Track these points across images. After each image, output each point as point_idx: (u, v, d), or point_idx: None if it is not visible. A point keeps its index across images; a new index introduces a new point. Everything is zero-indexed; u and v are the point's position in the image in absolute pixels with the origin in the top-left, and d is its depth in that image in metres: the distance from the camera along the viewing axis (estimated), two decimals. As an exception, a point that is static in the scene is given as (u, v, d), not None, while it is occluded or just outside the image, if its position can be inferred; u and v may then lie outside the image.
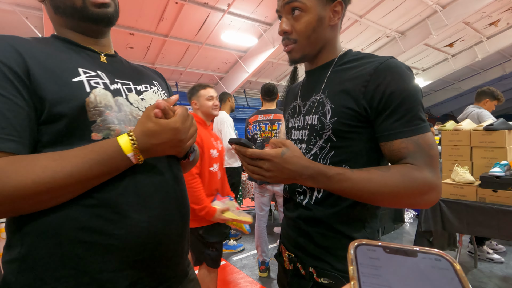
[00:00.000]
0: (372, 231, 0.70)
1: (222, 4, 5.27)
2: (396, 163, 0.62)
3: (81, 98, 0.55)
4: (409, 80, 0.62)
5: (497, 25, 7.46)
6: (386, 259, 0.25)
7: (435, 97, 12.92)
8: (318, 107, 0.72)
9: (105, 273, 0.54)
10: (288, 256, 0.78)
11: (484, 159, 2.23)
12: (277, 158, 0.60)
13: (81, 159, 0.51)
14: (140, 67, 0.79)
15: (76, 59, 0.60)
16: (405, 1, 5.88)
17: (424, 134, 0.61)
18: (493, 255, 2.69)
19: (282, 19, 0.71)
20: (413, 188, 0.58)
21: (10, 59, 0.51)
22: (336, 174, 0.60)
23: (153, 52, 6.58)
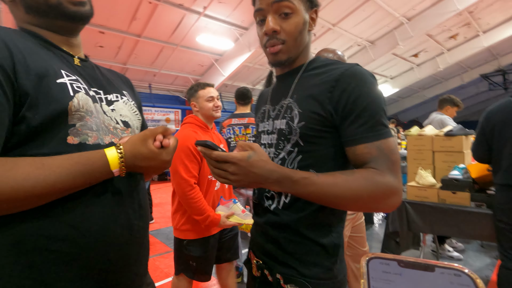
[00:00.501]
0: (338, 235, 0.71)
1: (198, 6, 5.22)
2: (360, 168, 0.64)
3: (65, 101, 0.54)
4: (372, 87, 0.64)
5: (456, 38, 8.08)
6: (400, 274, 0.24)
7: (402, 103, 13.68)
8: (286, 111, 0.72)
9: (63, 282, 0.53)
10: (256, 263, 0.77)
11: (445, 163, 2.38)
12: (242, 162, 0.59)
13: (66, 170, 0.50)
14: (109, 73, 0.78)
15: (55, 60, 0.59)
16: (374, 12, 6.20)
17: (386, 140, 0.62)
18: (453, 253, 2.88)
19: (269, 18, 0.68)
20: (375, 192, 0.59)
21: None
22: (302, 179, 0.60)
23: (125, 52, 6.35)
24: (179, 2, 5.05)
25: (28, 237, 0.51)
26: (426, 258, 2.80)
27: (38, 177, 0.47)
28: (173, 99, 8.97)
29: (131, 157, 0.57)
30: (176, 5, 5.08)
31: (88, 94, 0.60)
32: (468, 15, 6.88)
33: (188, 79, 8.20)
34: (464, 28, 7.57)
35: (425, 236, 2.45)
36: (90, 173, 0.53)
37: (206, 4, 5.13)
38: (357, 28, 6.70)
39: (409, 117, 15.08)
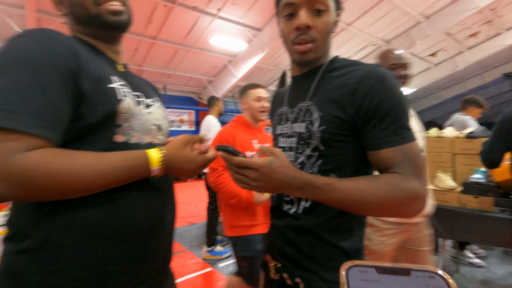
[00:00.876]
0: (359, 239, 0.69)
1: (211, 8, 5.27)
2: (384, 172, 0.62)
3: (114, 103, 0.62)
4: (395, 89, 0.62)
5: (477, 37, 7.79)
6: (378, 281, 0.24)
7: (419, 104, 13.32)
8: (305, 114, 0.71)
9: (112, 265, 0.60)
10: (274, 266, 0.76)
11: (465, 166, 2.30)
12: (264, 168, 0.58)
13: (116, 163, 0.57)
14: (142, 80, 0.86)
15: (105, 66, 0.67)
16: (390, 11, 6.06)
17: (410, 144, 0.61)
18: (474, 260, 2.76)
19: (302, 12, 0.65)
20: (400, 198, 0.58)
21: (65, 56, 0.57)
22: (325, 185, 0.59)
23: (141, 55, 6.49)
24: (193, 5, 5.12)
25: (80, 225, 0.57)
26: (445, 264, 2.71)
27: (95, 166, 0.55)
28: (187, 100, 9.08)
29: (171, 159, 0.64)
30: (190, 7, 5.15)
31: (132, 98, 0.68)
32: (489, 12, 6.62)
33: (201, 80, 8.29)
34: (485, 26, 7.29)
35: (444, 242, 2.37)
36: (134, 169, 0.60)
37: (220, 6, 5.17)
38: (372, 27, 6.58)
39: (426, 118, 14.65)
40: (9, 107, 0.49)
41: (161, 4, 4.94)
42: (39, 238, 0.56)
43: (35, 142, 0.50)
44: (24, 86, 0.51)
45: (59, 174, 0.51)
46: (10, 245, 0.57)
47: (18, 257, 0.56)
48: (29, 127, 0.50)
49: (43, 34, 0.57)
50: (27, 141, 0.49)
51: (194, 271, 2.66)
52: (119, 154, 0.59)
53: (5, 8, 4.38)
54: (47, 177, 0.50)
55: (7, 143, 0.48)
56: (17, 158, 0.48)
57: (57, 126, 0.54)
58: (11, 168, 0.48)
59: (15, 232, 0.58)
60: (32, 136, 0.50)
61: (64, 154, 0.53)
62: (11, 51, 0.54)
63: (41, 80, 0.53)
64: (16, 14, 4.55)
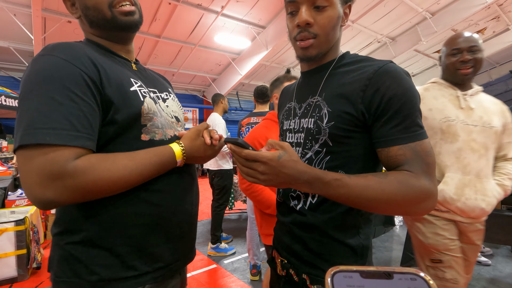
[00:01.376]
0: (366, 237, 0.69)
1: (215, 6, 5.26)
2: (393, 170, 0.61)
3: (138, 106, 0.67)
4: (408, 86, 0.61)
5: (484, 33, 7.69)
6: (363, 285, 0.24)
7: (424, 102, 13.18)
8: (314, 110, 0.70)
9: (155, 247, 0.69)
10: (281, 262, 0.76)
11: (472, 163, 2.27)
12: (273, 162, 0.57)
13: (148, 160, 0.65)
14: (155, 74, 0.90)
15: (123, 68, 0.72)
16: (396, 8, 6.00)
17: (422, 141, 0.60)
18: (480, 258, 2.74)
19: (303, 9, 0.65)
20: (410, 196, 0.57)
21: (89, 68, 0.62)
22: (333, 180, 0.58)
23: (145, 53, 6.51)
24: (197, 2, 5.12)
25: (124, 215, 0.66)
26: (451, 262, 2.69)
27: (132, 166, 0.62)
28: (191, 98, 9.11)
29: (189, 149, 0.73)
30: (194, 5, 5.15)
31: (151, 97, 0.73)
32: (497, 8, 6.53)
33: (205, 78, 8.30)
34: (492, 22, 7.19)
35: (450, 239, 2.35)
36: (163, 163, 0.68)
37: (224, 4, 5.16)
38: (377, 24, 6.52)
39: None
40: (52, 125, 0.55)
41: (165, 2, 4.95)
42: (92, 231, 0.64)
43: (79, 152, 0.57)
44: (59, 102, 0.56)
45: (106, 175, 0.58)
46: (64, 237, 0.66)
47: (73, 246, 0.65)
48: (72, 140, 0.56)
49: (64, 49, 0.61)
50: (73, 152, 0.56)
51: (199, 267, 2.68)
52: (148, 152, 0.66)
53: (11, 7, 4.42)
54: (97, 179, 0.58)
55: (59, 156, 0.55)
56: (71, 165, 0.55)
57: (92, 134, 0.60)
58: (68, 175, 0.55)
59: (68, 227, 0.66)
60: (76, 147, 0.57)
61: (106, 158, 0.60)
62: (39, 71, 0.58)
63: (72, 95, 0.58)
64: (22, 13, 4.59)
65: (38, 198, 0.54)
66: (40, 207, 0.56)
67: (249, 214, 2.57)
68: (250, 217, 2.57)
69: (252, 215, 2.56)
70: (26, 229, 2.40)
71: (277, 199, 0.82)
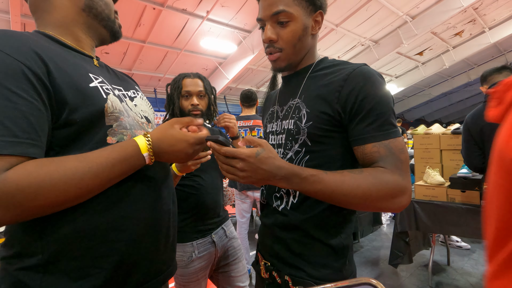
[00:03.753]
0: (347, 236, 0.70)
1: (201, 11, 5.26)
2: (368, 167, 0.64)
3: (100, 104, 0.58)
4: (381, 87, 0.64)
5: (461, 36, 7.99)
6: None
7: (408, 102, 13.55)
8: (294, 111, 0.72)
9: (125, 265, 0.59)
10: (264, 265, 0.77)
11: (453, 161, 2.35)
12: (251, 158, 0.58)
13: (104, 159, 0.53)
14: (117, 72, 0.81)
15: (81, 64, 0.62)
16: (377, 12, 6.17)
17: (395, 139, 0.63)
18: (461, 243, 2.95)
19: (267, 26, 0.70)
20: (384, 191, 0.59)
21: (31, 61, 0.51)
22: (310, 176, 0.60)
23: (130, 58, 6.42)
24: (182, 7, 5.11)
25: (88, 233, 0.55)
26: (437, 258, 2.76)
27: (84, 169, 0.51)
28: (178, 103, 9.03)
29: (157, 141, 0.60)
30: (179, 10, 5.13)
31: (115, 94, 0.64)
32: (473, 11, 6.80)
33: (192, 83, 8.24)
34: (469, 25, 7.48)
35: (434, 236, 2.42)
36: (125, 159, 0.56)
37: (209, 8, 5.17)
38: (360, 28, 6.68)
39: (415, 116, 14.93)
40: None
41: (150, 7, 4.91)
42: (48, 253, 0.53)
43: (18, 161, 0.47)
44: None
45: (48, 183, 0.47)
46: (14, 262, 0.55)
47: (26, 273, 0.53)
48: (7, 147, 0.45)
49: (3, 38, 0.51)
50: (6, 162, 0.45)
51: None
52: (105, 149, 0.55)
53: (-12, 13, 4.29)
54: (37, 190, 0.46)
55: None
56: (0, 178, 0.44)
57: (36, 139, 0.49)
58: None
59: (20, 250, 0.55)
60: (12, 156, 0.46)
61: (49, 162, 0.49)
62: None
63: (6, 91, 0.47)
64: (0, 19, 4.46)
65: None
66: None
67: (238, 218, 2.57)
68: (239, 221, 2.56)
69: (241, 219, 2.56)
70: None
71: (261, 201, 0.83)
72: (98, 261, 0.56)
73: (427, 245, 2.68)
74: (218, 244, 1.29)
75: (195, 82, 1.32)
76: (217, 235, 1.30)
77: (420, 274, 2.54)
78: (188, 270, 1.21)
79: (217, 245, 1.29)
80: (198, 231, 1.24)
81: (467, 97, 13.13)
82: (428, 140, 2.45)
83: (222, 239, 1.32)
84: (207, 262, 1.26)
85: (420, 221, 2.20)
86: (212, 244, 1.27)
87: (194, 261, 1.21)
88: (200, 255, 1.23)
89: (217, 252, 1.29)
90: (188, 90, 1.29)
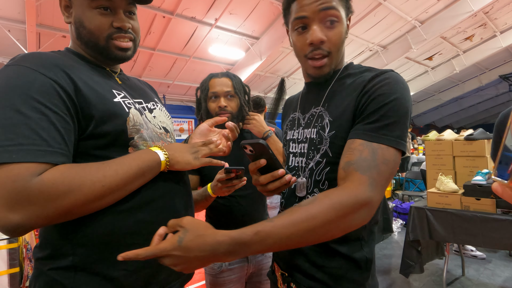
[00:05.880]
0: (370, 250, 0.68)
1: (209, 19, 5.34)
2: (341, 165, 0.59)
3: (123, 117, 0.63)
4: (399, 92, 0.59)
5: (472, 40, 7.87)
6: None
7: (417, 108, 13.37)
8: (317, 120, 0.69)
9: (148, 269, 0.63)
10: (281, 275, 0.75)
11: (466, 168, 2.30)
12: (175, 250, 0.48)
13: (128, 166, 0.58)
14: (139, 83, 0.85)
15: (105, 80, 0.67)
16: (386, 17, 6.14)
17: (387, 148, 0.56)
18: (476, 252, 2.85)
19: (315, 27, 0.62)
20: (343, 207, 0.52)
21: (61, 78, 0.56)
22: (254, 235, 0.49)
23: (140, 65, 6.54)
24: (191, 15, 5.19)
25: (114, 237, 0.60)
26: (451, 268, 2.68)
27: (112, 174, 0.56)
28: (186, 109, 9.12)
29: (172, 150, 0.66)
30: (188, 18, 5.22)
31: (136, 108, 0.68)
32: (483, 15, 6.71)
33: (200, 89, 8.32)
34: (480, 29, 7.38)
35: (448, 245, 2.35)
36: (145, 167, 0.61)
37: (218, 16, 5.24)
38: (368, 33, 6.65)
39: (425, 121, 14.70)
40: (19, 140, 0.49)
41: (160, 16, 5.01)
42: (78, 255, 0.58)
43: (48, 168, 0.51)
44: (26, 116, 0.51)
45: (77, 182, 0.52)
46: (48, 262, 0.59)
47: (59, 272, 0.58)
48: (43, 156, 0.51)
49: (33, 58, 0.56)
50: (41, 167, 0.50)
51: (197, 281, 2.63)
52: (126, 157, 0.60)
53: (5, 23, 4.44)
54: (69, 187, 0.51)
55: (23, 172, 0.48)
56: (36, 180, 0.49)
57: (66, 150, 0.54)
58: (33, 191, 0.48)
59: (54, 251, 0.59)
60: (46, 164, 0.51)
61: (76, 165, 0.55)
62: (3, 82, 0.53)
63: (41, 106, 0.52)
64: (16, 28, 4.61)
65: (2, 224, 0.47)
66: (8, 234, 0.49)
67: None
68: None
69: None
70: (19, 247, 2.34)
71: (280, 209, 0.81)
72: (122, 264, 0.58)
73: (440, 254, 2.60)
74: (251, 260, 1.21)
75: (222, 81, 1.17)
76: None
77: (433, 284, 2.46)
78: (217, 280, 1.16)
79: (250, 261, 1.20)
80: None
81: (478, 102, 12.89)
82: (440, 146, 2.40)
83: (257, 255, 1.21)
84: (237, 276, 1.18)
85: (433, 229, 2.14)
86: (245, 258, 1.19)
87: (224, 272, 1.15)
88: (231, 267, 1.16)
89: (249, 268, 1.21)
90: (215, 91, 1.16)
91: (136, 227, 0.62)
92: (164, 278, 0.67)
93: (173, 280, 0.69)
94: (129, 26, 0.68)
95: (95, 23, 0.65)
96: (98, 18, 0.65)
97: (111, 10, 0.66)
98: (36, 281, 0.60)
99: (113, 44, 0.67)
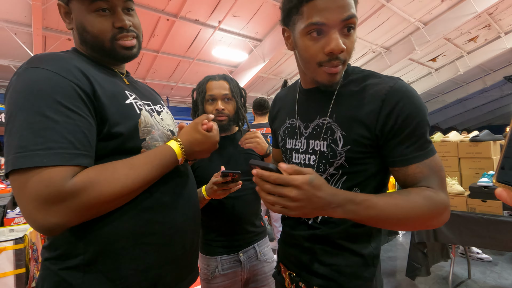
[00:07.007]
0: (376, 246, 0.69)
1: (213, 21, 5.37)
2: (410, 187, 0.62)
3: (135, 119, 0.64)
4: (419, 104, 0.61)
5: (476, 41, 7.84)
6: None
7: (421, 109, 13.27)
8: (326, 132, 0.68)
9: (156, 270, 0.63)
10: (289, 275, 0.75)
11: (472, 170, 2.28)
12: (306, 185, 0.51)
13: (149, 165, 0.61)
14: (146, 86, 0.85)
15: (117, 82, 0.68)
16: (389, 19, 6.14)
17: (434, 157, 0.62)
18: (482, 255, 2.81)
19: (336, 35, 0.59)
20: (435, 210, 0.58)
21: (80, 80, 0.58)
22: (364, 201, 0.55)
23: (144, 67, 6.59)
24: (195, 18, 5.23)
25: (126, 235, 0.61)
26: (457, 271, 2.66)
27: (133, 174, 0.58)
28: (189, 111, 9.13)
29: (188, 144, 0.69)
30: (192, 20, 5.25)
31: (146, 110, 0.69)
32: (487, 16, 6.68)
33: (204, 91, 8.35)
34: (484, 30, 7.34)
35: (454, 247, 2.34)
36: (165, 163, 0.64)
37: (221, 18, 5.27)
38: (371, 35, 6.65)
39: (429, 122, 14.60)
40: (48, 144, 0.51)
41: (164, 18, 5.05)
42: (88, 254, 0.59)
43: (77, 170, 0.54)
44: (53, 120, 0.52)
45: (106, 189, 0.54)
46: (58, 262, 0.59)
47: (69, 272, 0.58)
48: (72, 159, 0.53)
49: (52, 60, 0.57)
50: (71, 170, 0.53)
51: (201, 282, 2.63)
52: (147, 155, 0.63)
53: (12, 26, 4.50)
54: (99, 194, 0.54)
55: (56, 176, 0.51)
56: (69, 184, 0.51)
57: (90, 151, 0.57)
58: (68, 194, 0.51)
59: (64, 251, 0.60)
60: (74, 166, 0.53)
61: (104, 170, 0.56)
62: (27, 86, 0.54)
63: (66, 110, 0.54)
64: (23, 32, 4.67)
65: (41, 225, 0.51)
66: (46, 233, 0.52)
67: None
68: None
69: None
70: (25, 248, 2.36)
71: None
72: (131, 263, 0.61)
73: (445, 256, 2.58)
74: (245, 265, 1.16)
75: (220, 84, 1.18)
76: (246, 255, 1.16)
77: (439, 287, 2.44)
78: (211, 285, 1.13)
79: (244, 265, 1.16)
80: (224, 246, 1.14)
81: (483, 104, 12.80)
82: (445, 148, 2.39)
83: (251, 260, 1.18)
84: (231, 281, 1.14)
85: (439, 231, 2.12)
86: (239, 263, 1.15)
87: (217, 278, 1.12)
88: (224, 273, 1.13)
89: (243, 273, 1.16)
90: (212, 94, 1.16)
91: (147, 227, 0.63)
92: (170, 280, 0.67)
93: (179, 281, 0.70)
94: (130, 24, 0.69)
95: (97, 27, 0.65)
96: (99, 20, 0.65)
97: (110, 10, 0.66)
98: (44, 281, 0.60)
99: (118, 45, 0.68)
